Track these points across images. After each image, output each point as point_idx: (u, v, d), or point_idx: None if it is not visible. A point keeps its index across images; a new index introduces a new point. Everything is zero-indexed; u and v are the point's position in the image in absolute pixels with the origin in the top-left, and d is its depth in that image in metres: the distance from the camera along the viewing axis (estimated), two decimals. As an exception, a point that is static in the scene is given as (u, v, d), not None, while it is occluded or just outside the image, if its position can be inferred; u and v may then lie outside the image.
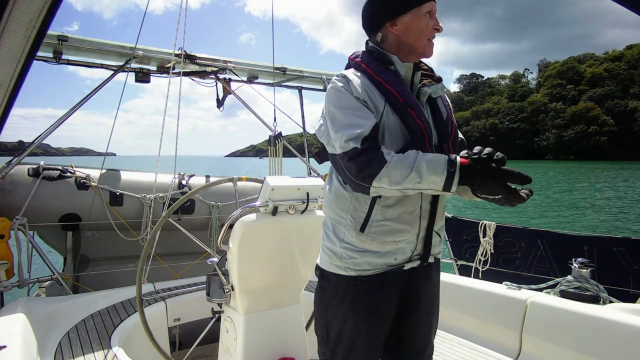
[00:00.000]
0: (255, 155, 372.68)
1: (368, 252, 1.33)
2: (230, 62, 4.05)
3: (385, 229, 1.32)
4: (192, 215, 3.97)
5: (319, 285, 1.47)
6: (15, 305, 2.34)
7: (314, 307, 1.50)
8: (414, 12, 1.34)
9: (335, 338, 1.41)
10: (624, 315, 2.03)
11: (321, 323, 1.46)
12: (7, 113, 1.88)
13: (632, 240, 3.37)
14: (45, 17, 1.30)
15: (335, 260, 1.38)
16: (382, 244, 1.33)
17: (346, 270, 1.36)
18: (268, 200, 1.88)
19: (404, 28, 1.36)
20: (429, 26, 1.35)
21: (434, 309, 1.52)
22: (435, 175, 1.14)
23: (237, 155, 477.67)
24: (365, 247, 1.33)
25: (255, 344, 2.02)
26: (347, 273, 1.36)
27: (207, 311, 2.29)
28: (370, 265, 1.34)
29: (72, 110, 3.62)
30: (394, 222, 1.32)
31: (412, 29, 1.35)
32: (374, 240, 1.32)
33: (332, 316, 1.41)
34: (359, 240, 1.33)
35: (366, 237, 1.32)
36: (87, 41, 3.39)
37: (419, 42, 1.36)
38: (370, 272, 1.35)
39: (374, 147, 1.20)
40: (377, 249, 1.33)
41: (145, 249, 2.15)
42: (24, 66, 1.54)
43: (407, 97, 1.31)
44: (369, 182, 1.19)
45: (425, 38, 1.36)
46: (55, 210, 3.56)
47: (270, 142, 4.06)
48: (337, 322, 1.40)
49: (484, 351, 2.41)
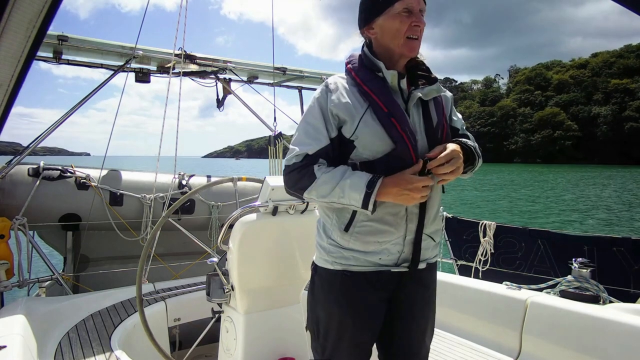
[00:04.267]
0: (233, 156, 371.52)
1: (353, 250, 1.36)
2: (230, 62, 4.06)
3: (369, 229, 1.34)
4: (192, 215, 3.97)
5: (310, 280, 1.51)
6: (15, 305, 2.34)
7: (307, 302, 1.53)
8: (387, 13, 1.34)
9: (324, 333, 1.43)
10: (624, 315, 2.03)
11: (312, 318, 1.49)
12: (7, 113, 1.88)
13: (632, 240, 3.37)
14: (45, 17, 1.30)
15: (324, 255, 1.41)
16: (366, 243, 1.35)
17: (333, 264, 1.39)
18: (268, 200, 1.88)
19: (380, 31, 1.37)
20: (404, 25, 1.33)
21: (429, 313, 1.50)
22: (355, 192, 1.25)
23: (214, 156, 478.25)
24: (350, 247, 1.36)
25: (255, 344, 2.02)
26: (334, 267, 1.39)
27: (207, 311, 2.29)
28: (357, 261, 1.36)
29: (72, 110, 3.63)
30: (377, 222, 1.33)
31: (387, 31, 1.35)
32: (357, 240, 1.35)
33: (320, 310, 1.44)
34: (343, 239, 1.37)
35: (350, 236, 1.35)
36: (87, 41, 3.39)
37: (395, 42, 1.35)
38: (357, 269, 1.37)
39: (308, 164, 1.31)
40: (361, 249, 1.35)
41: (145, 249, 2.15)
42: (24, 66, 1.54)
43: (392, 107, 1.31)
44: (301, 193, 1.34)
45: (402, 37, 1.34)
46: (55, 210, 3.57)
47: (270, 142, 4.06)
48: (325, 316, 1.43)
49: (484, 351, 2.41)
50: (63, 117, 3.62)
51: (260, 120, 4.31)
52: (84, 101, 3.67)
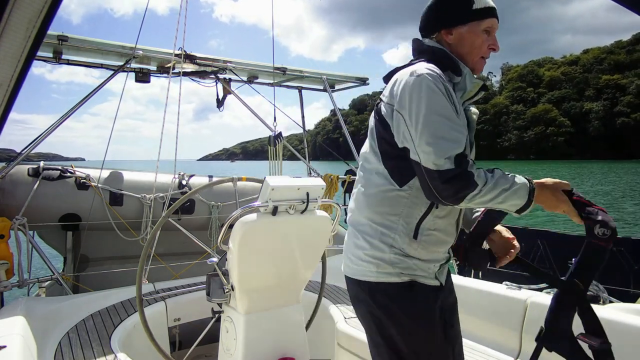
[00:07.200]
0: (228, 159, 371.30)
1: (416, 259, 1.29)
2: (230, 62, 4.05)
3: (433, 238, 1.29)
4: (192, 215, 3.97)
5: (371, 302, 1.30)
6: (15, 305, 2.34)
7: (373, 334, 1.33)
8: (472, 26, 1.31)
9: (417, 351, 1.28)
10: (624, 315, 2.03)
11: (392, 348, 1.29)
12: (7, 113, 1.88)
13: (632, 240, 3.37)
14: (45, 17, 1.29)
15: (385, 268, 1.28)
16: (430, 252, 1.30)
17: (400, 276, 1.27)
18: (268, 200, 1.88)
19: (458, 39, 1.33)
20: (484, 44, 1.32)
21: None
22: (518, 199, 1.17)
23: (209, 159, 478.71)
24: (415, 255, 1.28)
25: (255, 344, 2.02)
26: (402, 279, 1.27)
27: (207, 311, 2.29)
28: (421, 270, 1.29)
29: (71, 111, 3.62)
30: (441, 233, 1.31)
31: (465, 43, 1.32)
32: (423, 249, 1.28)
33: (401, 332, 1.28)
34: (411, 247, 1.27)
35: (418, 244, 1.27)
36: (87, 41, 3.39)
37: (470, 57, 1.33)
38: (422, 280, 1.29)
39: (466, 167, 1.15)
40: (423, 257, 1.29)
41: (145, 249, 2.15)
42: (24, 66, 1.54)
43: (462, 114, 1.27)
44: (459, 202, 1.17)
45: (478, 55, 1.33)
46: (55, 210, 3.56)
47: (270, 142, 4.06)
48: (414, 339, 1.28)
49: (484, 351, 2.41)
50: (61, 120, 3.61)
51: (261, 120, 4.30)
52: (83, 102, 3.66)
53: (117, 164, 5.33)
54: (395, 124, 1.24)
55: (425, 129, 1.16)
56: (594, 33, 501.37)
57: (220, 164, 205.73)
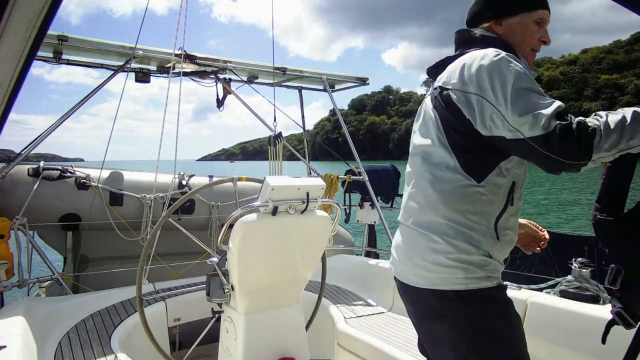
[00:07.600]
0: (227, 159, 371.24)
1: (496, 261, 1.21)
2: (230, 62, 4.05)
3: (508, 238, 1.22)
4: (192, 215, 3.97)
5: (459, 314, 1.17)
6: (15, 305, 2.34)
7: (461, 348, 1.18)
8: (523, 17, 1.26)
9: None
10: None
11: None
12: (7, 113, 1.88)
13: None
14: (45, 17, 1.29)
15: (474, 272, 1.16)
16: (505, 254, 1.24)
17: (489, 279, 1.17)
18: (268, 200, 1.88)
19: (508, 30, 1.28)
20: (534, 36, 1.27)
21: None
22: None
23: (208, 159, 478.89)
24: (497, 257, 1.20)
25: (255, 344, 2.02)
26: (492, 283, 1.18)
27: (207, 311, 2.29)
28: (499, 273, 1.22)
29: (71, 111, 3.62)
30: (513, 232, 1.24)
31: (516, 34, 1.27)
32: (504, 250, 1.21)
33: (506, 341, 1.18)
34: (495, 248, 1.18)
35: (501, 245, 1.18)
36: (87, 41, 3.39)
37: (520, 49, 1.26)
38: (502, 282, 1.22)
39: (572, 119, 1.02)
40: (502, 259, 1.23)
41: (145, 249, 2.15)
42: (24, 66, 1.54)
43: None
44: (589, 155, 0.99)
45: (528, 47, 1.27)
46: (55, 210, 3.56)
47: (270, 142, 4.06)
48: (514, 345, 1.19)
49: None
50: (61, 119, 3.60)
51: (261, 120, 4.30)
52: (83, 101, 3.66)
53: (116, 164, 5.32)
54: (478, 110, 1.12)
55: (516, 101, 1.06)
56: (593, 32, 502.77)
57: (219, 164, 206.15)
